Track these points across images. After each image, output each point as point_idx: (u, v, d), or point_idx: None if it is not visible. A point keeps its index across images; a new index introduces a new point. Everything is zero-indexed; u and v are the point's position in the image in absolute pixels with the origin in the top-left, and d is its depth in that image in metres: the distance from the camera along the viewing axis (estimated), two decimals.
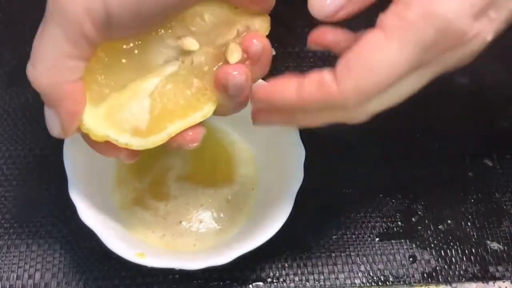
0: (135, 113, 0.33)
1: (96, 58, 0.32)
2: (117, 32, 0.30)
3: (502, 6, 0.29)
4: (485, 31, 0.29)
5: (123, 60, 0.32)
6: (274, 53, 0.34)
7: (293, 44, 0.50)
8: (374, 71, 0.29)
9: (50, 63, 0.30)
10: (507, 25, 0.30)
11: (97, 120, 0.32)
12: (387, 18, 0.29)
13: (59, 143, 0.39)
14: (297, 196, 0.38)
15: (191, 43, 0.33)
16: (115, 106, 0.32)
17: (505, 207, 0.44)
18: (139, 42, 0.32)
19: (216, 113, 0.34)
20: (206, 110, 0.34)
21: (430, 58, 0.29)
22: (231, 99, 0.33)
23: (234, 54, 0.33)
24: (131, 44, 0.32)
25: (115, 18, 0.29)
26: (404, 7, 0.28)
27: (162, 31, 0.33)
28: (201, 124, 0.34)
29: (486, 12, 0.28)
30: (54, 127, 0.32)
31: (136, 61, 0.33)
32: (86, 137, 0.33)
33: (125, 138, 0.32)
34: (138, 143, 0.33)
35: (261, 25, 0.34)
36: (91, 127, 0.32)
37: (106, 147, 0.33)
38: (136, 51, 0.32)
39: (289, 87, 0.31)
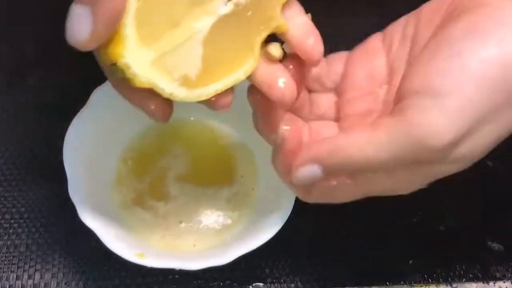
0: (187, 59, 0.29)
1: None
2: None
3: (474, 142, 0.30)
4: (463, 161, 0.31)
5: None
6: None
7: None
8: (348, 161, 0.30)
9: None
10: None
11: (145, 64, 0.28)
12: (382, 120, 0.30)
13: (59, 143, 0.39)
14: (297, 196, 0.38)
15: None
16: (167, 50, 0.29)
17: (505, 207, 0.44)
18: None
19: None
20: (248, 66, 0.31)
21: (409, 163, 0.30)
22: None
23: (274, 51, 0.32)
24: None
25: None
26: (400, 116, 0.29)
27: None
28: (231, 89, 0.31)
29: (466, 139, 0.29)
30: (83, 30, 0.27)
31: None
32: (118, 83, 0.30)
33: (173, 87, 0.29)
34: (183, 95, 0.30)
35: None
36: (138, 71, 0.28)
37: (143, 96, 0.30)
38: None
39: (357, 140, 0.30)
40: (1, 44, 0.50)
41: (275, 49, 0.32)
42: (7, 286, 0.39)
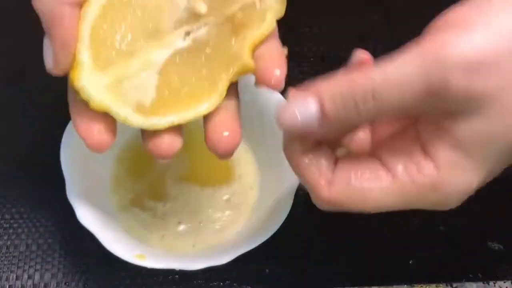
0: (141, 87, 0.31)
1: (103, 13, 0.30)
2: None
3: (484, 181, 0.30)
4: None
5: (131, 20, 0.31)
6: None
7: (293, 43, 0.50)
8: (363, 203, 0.29)
9: None
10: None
11: (100, 88, 0.30)
12: (397, 170, 0.28)
13: (59, 143, 0.39)
14: (296, 195, 0.38)
15: (200, 6, 0.31)
16: (121, 77, 0.31)
17: (506, 207, 0.44)
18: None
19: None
20: (211, 102, 0.32)
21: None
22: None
23: None
24: None
25: None
26: (416, 170, 0.28)
27: None
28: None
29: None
30: (47, 58, 0.31)
31: (145, 22, 0.31)
32: (76, 103, 0.31)
33: (127, 112, 0.31)
34: (138, 121, 0.31)
35: (275, 4, 0.32)
36: (93, 94, 0.30)
37: (91, 118, 0.31)
38: (144, 10, 0.31)
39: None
40: (1, 44, 0.50)
41: None
42: (7, 286, 0.39)
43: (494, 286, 0.41)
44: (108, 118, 0.31)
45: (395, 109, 0.27)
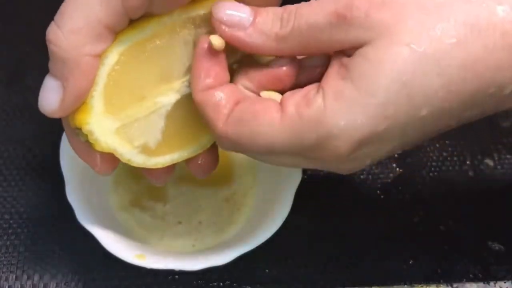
0: (149, 130, 0.32)
1: (121, 59, 0.30)
2: (157, 4, 0.29)
3: (386, 140, 0.28)
4: (364, 158, 0.29)
5: (145, 65, 0.31)
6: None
7: None
8: (252, 139, 0.29)
9: (79, 25, 0.28)
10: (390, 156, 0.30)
11: (108, 132, 0.31)
12: (288, 103, 0.28)
13: (58, 143, 0.39)
14: (296, 195, 0.38)
15: (215, 39, 0.31)
16: (130, 121, 0.31)
17: (506, 207, 0.44)
18: (164, 40, 0.31)
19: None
20: (206, 140, 0.33)
21: (306, 155, 0.29)
22: None
23: None
24: (157, 42, 0.31)
25: None
26: (304, 104, 0.28)
27: (186, 30, 0.32)
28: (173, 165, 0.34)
29: (370, 143, 0.28)
30: (52, 101, 0.30)
31: (158, 68, 0.31)
32: (77, 140, 0.32)
33: (131, 154, 0.32)
34: (141, 161, 0.32)
35: None
36: (100, 138, 0.31)
37: (92, 154, 0.32)
38: (159, 57, 0.31)
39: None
40: (1, 44, 0.50)
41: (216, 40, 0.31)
42: (6, 287, 0.39)
43: (494, 286, 0.41)
44: None
45: (311, 29, 0.28)
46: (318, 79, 0.30)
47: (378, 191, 0.45)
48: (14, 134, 0.46)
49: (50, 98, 0.30)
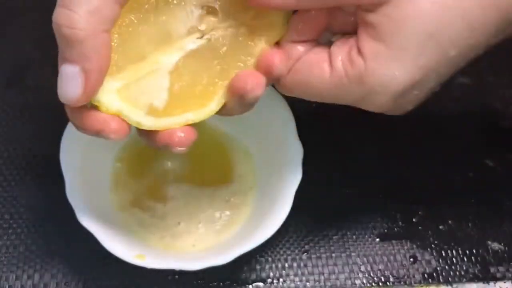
0: (153, 89, 0.31)
1: (119, 23, 0.30)
2: None
3: (424, 85, 0.31)
4: (405, 105, 0.32)
5: (143, 27, 0.31)
6: None
7: None
8: (306, 89, 0.32)
9: (94, 5, 0.28)
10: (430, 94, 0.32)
11: (110, 93, 0.30)
12: (336, 61, 0.31)
13: (58, 143, 0.39)
14: (296, 195, 0.38)
15: (214, 12, 0.31)
16: (132, 80, 0.31)
17: (506, 207, 0.44)
18: (162, 5, 0.31)
19: (221, 112, 0.33)
20: (218, 100, 0.32)
21: (354, 104, 0.32)
22: (243, 104, 0.33)
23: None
24: (154, 4, 0.31)
25: None
26: (349, 63, 0.30)
27: None
28: (193, 127, 0.32)
29: (410, 91, 0.31)
30: (75, 88, 0.29)
31: (157, 29, 0.31)
32: (83, 116, 0.31)
33: (139, 115, 0.31)
34: (150, 123, 0.31)
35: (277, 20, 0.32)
36: (103, 99, 0.30)
37: (100, 120, 0.30)
38: (157, 17, 0.31)
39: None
40: (1, 44, 0.50)
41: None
42: (7, 287, 0.39)
43: (494, 286, 0.41)
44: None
45: None
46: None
47: (378, 191, 0.45)
48: (14, 134, 0.46)
49: (73, 85, 0.29)
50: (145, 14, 0.31)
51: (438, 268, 0.42)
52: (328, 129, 0.47)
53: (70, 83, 0.29)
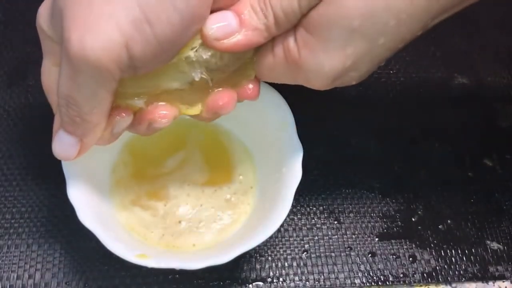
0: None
1: None
2: (139, 71, 0.32)
3: (359, 68, 0.33)
4: (347, 82, 0.34)
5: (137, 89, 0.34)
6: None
7: None
8: (265, 75, 0.35)
9: (94, 105, 0.32)
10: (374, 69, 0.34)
11: None
12: (276, 48, 0.34)
13: None
14: (296, 195, 0.38)
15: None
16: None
17: (504, 207, 0.44)
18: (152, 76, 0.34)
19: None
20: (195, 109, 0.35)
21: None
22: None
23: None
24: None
25: (138, 63, 0.31)
26: (286, 49, 0.33)
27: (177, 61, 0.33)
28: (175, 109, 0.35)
29: (344, 75, 0.33)
30: (70, 153, 0.34)
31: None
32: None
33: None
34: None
35: None
36: None
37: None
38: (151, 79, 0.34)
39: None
40: (2, 44, 0.50)
41: None
42: (8, 286, 0.40)
43: (494, 285, 0.41)
44: None
45: (287, 14, 0.32)
46: None
47: (377, 191, 0.45)
48: (16, 134, 0.46)
49: (68, 151, 0.34)
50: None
51: (437, 268, 0.42)
52: (328, 130, 0.47)
53: (66, 149, 0.34)
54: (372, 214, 0.44)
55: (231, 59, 0.34)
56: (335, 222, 0.43)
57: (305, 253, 0.42)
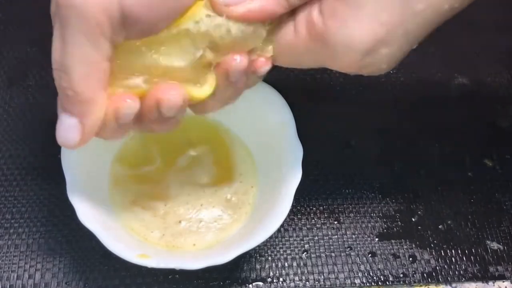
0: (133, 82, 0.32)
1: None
2: (133, 30, 0.30)
3: (391, 42, 0.30)
4: (377, 63, 0.31)
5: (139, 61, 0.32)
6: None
7: None
8: (285, 56, 0.33)
9: (85, 71, 0.29)
10: (406, 53, 0.31)
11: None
12: (299, 24, 0.31)
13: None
14: (296, 195, 0.38)
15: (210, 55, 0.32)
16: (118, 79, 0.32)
17: (504, 207, 0.44)
18: (153, 51, 0.31)
19: (206, 108, 0.34)
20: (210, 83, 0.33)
21: (330, 65, 0.32)
22: (228, 86, 0.33)
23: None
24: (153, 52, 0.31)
25: (130, 15, 0.29)
26: (309, 23, 0.30)
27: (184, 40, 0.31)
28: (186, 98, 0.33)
29: (376, 50, 0.30)
30: (72, 137, 0.31)
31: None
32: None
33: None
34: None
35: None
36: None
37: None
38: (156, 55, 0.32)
39: None
40: (1, 45, 0.50)
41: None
42: (8, 286, 0.40)
43: (494, 285, 0.41)
44: None
45: None
46: None
47: (377, 191, 0.45)
48: (16, 134, 0.46)
49: (70, 135, 0.31)
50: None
51: (437, 268, 0.42)
52: (328, 130, 0.47)
53: (68, 132, 0.31)
54: (372, 214, 0.44)
55: (239, 34, 0.31)
56: (335, 222, 0.43)
57: (305, 253, 0.42)
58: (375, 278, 0.41)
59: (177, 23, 0.30)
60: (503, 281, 0.41)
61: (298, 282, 0.41)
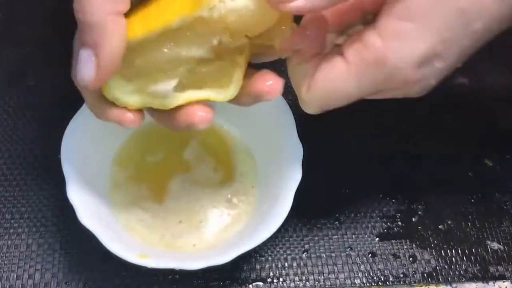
0: (163, 88, 0.32)
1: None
2: None
3: (446, 57, 0.30)
4: (429, 77, 0.31)
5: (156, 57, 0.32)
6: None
7: None
8: (330, 95, 0.32)
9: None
10: (452, 70, 0.31)
11: (127, 94, 0.32)
12: (349, 53, 0.30)
13: (59, 143, 0.39)
14: (296, 195, 0.38)
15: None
16: (148, 82, 0.32)
17: (505, 207, 0.44)
18: (172, 44, 0.31)
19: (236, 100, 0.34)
20: (230, 91, 0.33)
21: (379, 91, 0.31)
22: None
23: None
24: (167, 45, 0.31)
25: None
26: (363, 48, 0.30)
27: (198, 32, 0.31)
28: (210, 105, 0.33)
29: (430, 61, 0.30)
30: (88, 71, 0.30)
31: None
32: (95, 105, 0.33)
33: (159, 100, 0.32)
34: (173, 101, 0.32)
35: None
36: (120, 99, 0.32)
37: (119, 114, 0.33)
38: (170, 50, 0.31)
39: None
40: (1, 44, 0.50)
41: None
42: (7, 286, 0.40)
43: (494, 285, 0.41)
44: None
45: None
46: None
47: (377, 191, 0.45)
48: (15, 134, 0.46)
49: (86, 69, 0.30)
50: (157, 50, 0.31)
51: (437, 268, 0.42)
52: (328, 130, 0.47)
53: (84, 67, 0.30)
54: (372, 214, 0.44)
55: (251, 17, 0.30)
56: (335, 222, 0.43)
57: (305, 253, 0.42)
58: (375, 278, 0.41)
59: (192, 10, 0.30)
60: (504, 281, 0.41)
61: (298, 282, 0.41)
